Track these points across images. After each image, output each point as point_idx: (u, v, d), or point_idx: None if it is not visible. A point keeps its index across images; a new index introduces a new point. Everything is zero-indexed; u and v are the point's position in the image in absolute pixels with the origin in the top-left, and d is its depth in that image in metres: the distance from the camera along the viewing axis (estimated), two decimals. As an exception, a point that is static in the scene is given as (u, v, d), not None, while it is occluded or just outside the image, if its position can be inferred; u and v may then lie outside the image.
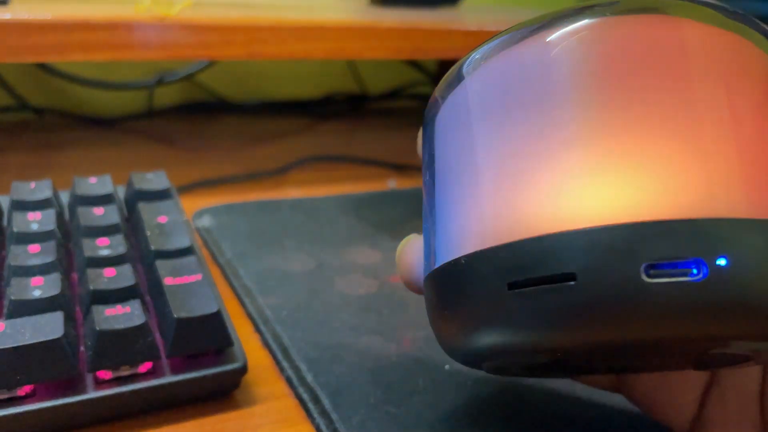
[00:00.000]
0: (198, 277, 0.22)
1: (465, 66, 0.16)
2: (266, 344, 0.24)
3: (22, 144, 0.48)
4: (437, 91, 0.18)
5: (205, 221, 0.34)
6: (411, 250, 0.18)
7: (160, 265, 0.23)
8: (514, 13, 0.56)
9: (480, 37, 0.44)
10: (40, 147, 0.47)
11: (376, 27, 0.40)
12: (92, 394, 0.19)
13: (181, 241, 0.24)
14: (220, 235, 0.32)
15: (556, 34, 0.15)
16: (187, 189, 0.39)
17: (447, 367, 0.23)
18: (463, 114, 0.16)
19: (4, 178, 0.40)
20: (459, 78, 0.16)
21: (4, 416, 0.18)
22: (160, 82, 0.54)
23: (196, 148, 0.49)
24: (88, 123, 0.53)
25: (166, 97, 0.58)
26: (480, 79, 0.16)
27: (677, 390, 0.19)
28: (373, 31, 0.40)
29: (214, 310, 0.21)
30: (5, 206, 0.26)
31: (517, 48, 0.15)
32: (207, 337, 0.21)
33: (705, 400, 0.18)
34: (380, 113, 0.63)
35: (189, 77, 0.56)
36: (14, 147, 0.47)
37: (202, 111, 0.59)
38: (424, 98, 0.67)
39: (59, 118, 0.54)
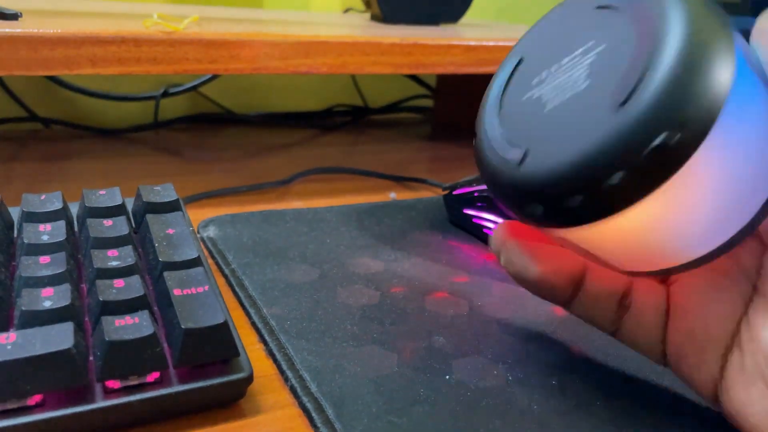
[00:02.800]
0: (205, 288, 0.23)
1: None
2: (270, 354, 0.25)
3: (30, 154, 0.48)
4: None
5: (210, 231, 0.34)
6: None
7: (168, 276, 0.23)
8: (513, 31, 0.57)
9: (480, 53, 0.45)
10: (47, 158, 0.48)
11: (378, 42, 0.41)
12: (101, 403, 0.20)
13: (188, 253, 0.24)
14: (224, 246, 0.33)
15: None
16: (192, 200, 0.40)
17: (447, 377, 0.23)
18: None
19: (13, 188, 0.41)
20: None
21: (15, 426, 0.19)
22: (165, 94, 0.55)
23: (200, 159, 0.50)
24: (94, 134, 0.54)
25: (172, 108, 0.59)
26: None
27: (702, 346, 0.20)
28: (375, 46, 0.41)
29: (221, 320, 0.21)
30: (16, 218, 0.27)
31: None
32: (214, 348, 0.21)
33: (725, 361, 0.20)
34: (381, 125, 0.64)
35: (194, 89, 0.57)
36: (22, 157, 0.48)
37: (207, 122, 0.59)
38: (425, 111, 0.68)
39: (66, 129, 0.55)
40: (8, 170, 0.45)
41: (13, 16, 0.35)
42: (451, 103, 0.65)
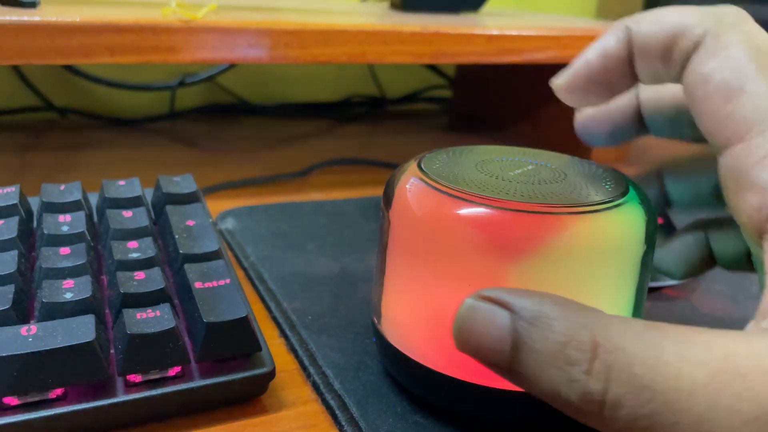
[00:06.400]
0: (226, 281, 0.22)
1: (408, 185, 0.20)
2: (292, 349, 0.24)
3: (47, 144, 0.48)
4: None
5: (229, 223, 0.34)
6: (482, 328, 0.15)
7: (189, 268, 0.23)
8: (534, 19, 0.56)
9: (502, 42, 0.44)
10: (63, 147, 0.48)
11: (398, 31, 0.40)
12: (122, 397, 0.19)
13: (209, 245, 0.24)
14: (243, 238, 0.32)
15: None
16: (209, 191, 0.39)
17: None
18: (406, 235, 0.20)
19: (29, 178, 0.41)
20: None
21: (36, 419, 0.18)
22: (182, 83, 0.55)
23: (217, 149, 0.49)
24: (110, 123, 0.54)
25: (188, 98, 0.58)
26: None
27: None
28: (395, 35, 0.40)
29: (243, 314, 0.21)
30: (35, 208, 0.27)
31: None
32: (236, 342, 0.21)
33: None
34: (399, 116, 0.63)
35: (210, 79, 0.56)
36: (39, 147, 0.48)
37: (223, 113, 0.59)
38: (443, 101, 0.67)
39: (83, 118, 0.54)
40: (25, 160, 0.44)
41: (31, 4, 0.35)
42: (470, 94, 0.64)
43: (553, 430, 0.20)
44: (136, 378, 0.20)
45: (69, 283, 0.21)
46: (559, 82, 0.19)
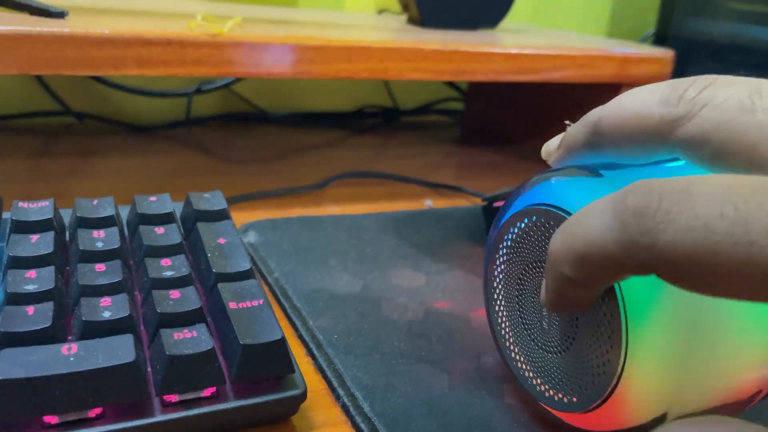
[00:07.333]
0: (260, 302, 0.23)
1: None
2: (320, 369, 0.25)
3: (64, 149, 0.49)
4: None
5: (251, 237, 0.34)
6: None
7: (223, 288, 0.23)
8: (550, 37, 0.56)
9: (521, 61, 0.44)
10: (81, 152, 0.48)
11: (420, 49, 0.41)
12: (159, 417, 0.20)
13: (241, 264, 0.24)
14: (266, 252, 0.33)
15: None
16: (228, 202, 0.40)
17: (501, 400, 0.23)
18: None
19: (45, 183, 0.41)
20: None
21: (76, 436, 0.19)
22: (198, 90, 0.55)
23: (232, 158, 0.50)
24: (127, 129, 0.54)
25: (204, 105, 0.59)
26: None
27: None
28: (417, 52, 0.41)
29: (279, 337, 0.21)
30: (67, 221, 0.27)
31: None
32: (271, 364, 0.21)
33: None
34: (411, 128, 0.64)
35: (226, 87, 0.56)
36: (56, 152, 0.48)
37: (238, 120, 0.59)
38: (455, 113, 0.68)
39: (100, 123, 0.55)
40: (41, 164, 0.45)
41: (60, 15, 0.35)
42: (482, 107, 0.64)
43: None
44: (172, 398, 0.20)
45: (106, 301, 0.22)
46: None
